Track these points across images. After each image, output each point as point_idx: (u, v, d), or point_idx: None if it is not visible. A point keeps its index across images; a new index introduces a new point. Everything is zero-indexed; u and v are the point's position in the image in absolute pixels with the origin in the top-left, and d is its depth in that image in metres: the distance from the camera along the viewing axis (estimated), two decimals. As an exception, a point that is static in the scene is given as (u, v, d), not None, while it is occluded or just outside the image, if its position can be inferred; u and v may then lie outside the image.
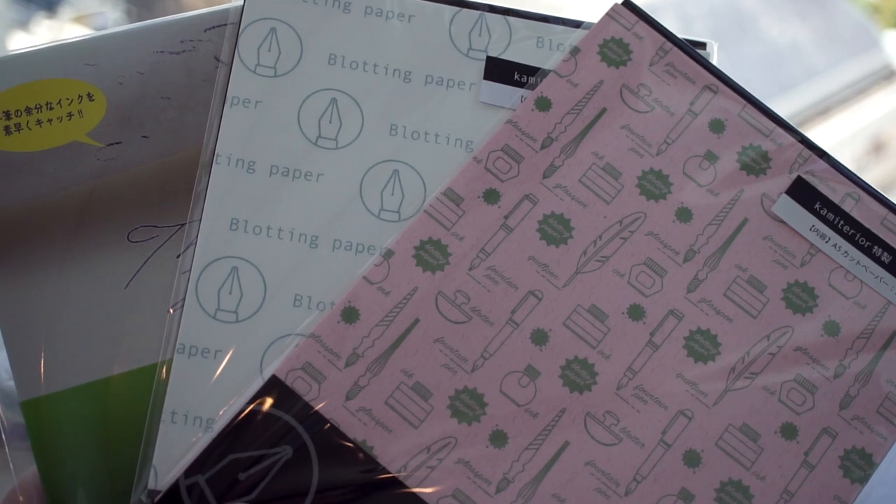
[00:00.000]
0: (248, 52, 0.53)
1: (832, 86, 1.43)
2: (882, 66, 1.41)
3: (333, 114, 0.53)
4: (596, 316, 0.51)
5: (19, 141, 0.50)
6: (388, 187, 0.52)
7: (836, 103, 1.40)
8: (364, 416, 0.49)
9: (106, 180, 0.51)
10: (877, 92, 1.39)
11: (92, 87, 0.51)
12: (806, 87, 1.38)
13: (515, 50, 0.55)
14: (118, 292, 0.50)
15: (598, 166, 0.53)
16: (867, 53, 1.42)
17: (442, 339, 0.50)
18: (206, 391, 0.49)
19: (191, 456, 0.48)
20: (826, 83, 1.40)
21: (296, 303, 0.50)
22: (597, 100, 0.54)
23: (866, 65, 1.41)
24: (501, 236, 0.51)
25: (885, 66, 1.40)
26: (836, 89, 1.42)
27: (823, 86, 1.40)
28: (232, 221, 0.51)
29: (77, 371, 0.49)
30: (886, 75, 1.39)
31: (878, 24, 1.50)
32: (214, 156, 0.51)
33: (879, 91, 1.39)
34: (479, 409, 0.49)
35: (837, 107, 1.40)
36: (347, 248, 0.51)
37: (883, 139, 1.38)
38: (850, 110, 1.37)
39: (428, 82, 0.54)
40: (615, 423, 0.50)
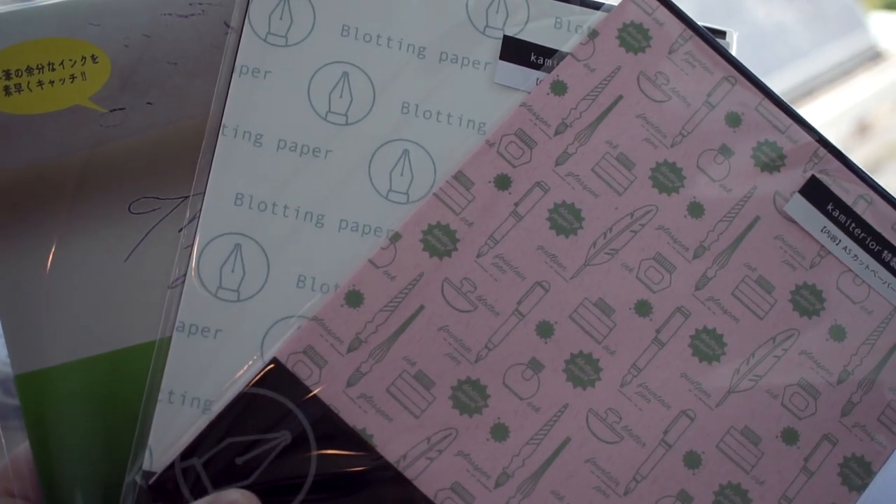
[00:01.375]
0: (259, 19, 0.49)
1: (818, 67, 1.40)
2: (867, 47, 1.38)
3: (344, 88, 0.49)
4: (602, 310, 0.48)
5: (19, 102, 0.47)
6: (397, 167, 0.49)
7: (821, 84, 1.38)
8: (365, 404, 0.46)
9: (108, 148, 0.47)
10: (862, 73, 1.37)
11: (96, 48, 0.48)
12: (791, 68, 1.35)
13: (533, 29, 0.51)
14: (118, 265, 0.47)
15: (612, 156, 0.50)
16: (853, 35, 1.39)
17: (446, 328, 0.47)
18: (204, 371, 0.46)
19: (187, 438, 0.45)
20: (812, 64, 1.38)
21: (299, 283, 0.47)
22: (613, 86, 0.51)
23: (852, 46, 1.38)
24: (511, 224, 0.49)
25: (871, 47, 1.37)
26: (821, 70, 1.39)
27: (809, 67, 1.37)
28: (237, 196, 0.47)
29: (73, 345, 0.46)
30: (872, 56, 1.36)
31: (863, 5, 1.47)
32: (221, 126, 0.48)
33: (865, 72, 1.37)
34: (481, 401, 0.47)
35: (823, 88, 1.37)
36: (354, 229, 0.48)
37: (868, 120, 1.35)
38: (835, 91, 1.35)
39: (442, 59, 0.50)
40: (617, 420, 0.47)
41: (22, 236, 0.46)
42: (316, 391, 0.46)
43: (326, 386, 0.46)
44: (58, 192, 0.47)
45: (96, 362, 0.46)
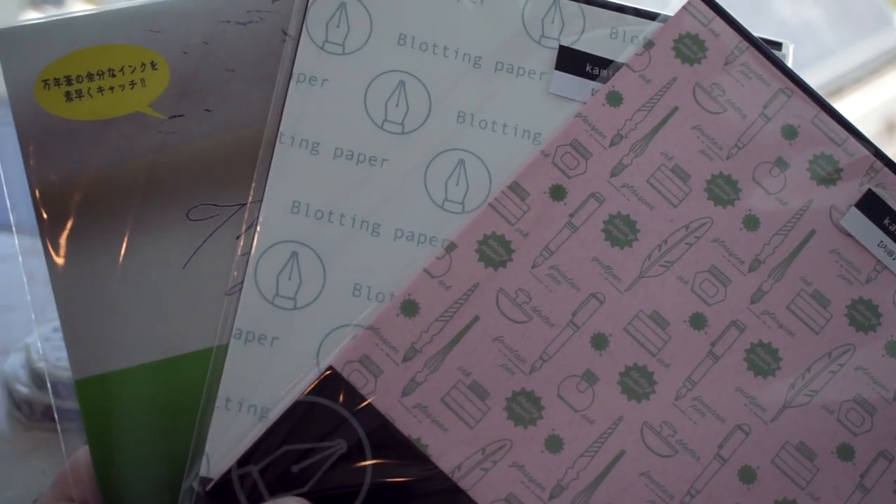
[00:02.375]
0: (317, 27, 0.48)
1: (845, 66, 1.38)
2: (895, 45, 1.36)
3: (401, 97, 0.48)
4: (657, 322, 0.47)
5: (80, 108, 0.46)
6: (452, 177, 0.48)
7: (849, 83, 1.36)
8: (420, 414, 0.45)
9: (167, 154, 0.46)
10: (890, 72, 1.34)
11: (156, 55, 0.47)
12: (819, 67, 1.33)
13: (588, 40, 0.50)
14: (176, 272, 0.46)
15: (667, 167, 0.49)
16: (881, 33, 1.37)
17: (501, 339, 0.46)
18: (261, 379, 0.45)
19: (244, 445, 0.44)
20: (839, 63, 1.35)
21: (355, 292, 0.46)
22: (669, 97, 0.49)
23: (880, 44, 1.36)
24: (566, 235, 0.48)
25: (899, 45, 1.35)
26: (849, 69, 1.37)
27: (836, 65, 1.35)
28: (294, 204, 0.47)
29: (132, 351, 0.45)
30: (900, 55, 1.34)
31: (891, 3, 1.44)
32: (278, 134, 0.47)
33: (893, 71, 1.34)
34: (535, 413, 0.46)
35: (850, 87, 1.35)
36: (409, 238, 0.47)
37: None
38: (863, 90, 1.33)
39: (498, 69, 0.49)
40: (672, 434, 0.46)
41: (84, 242, 0.45)
42: (371, 400, 0.45)
43: (382, 395, 0.45)
44: (118, 198, 0.46)
45: (155, 368, 0.45)
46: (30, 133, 0.46)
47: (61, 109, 0.46)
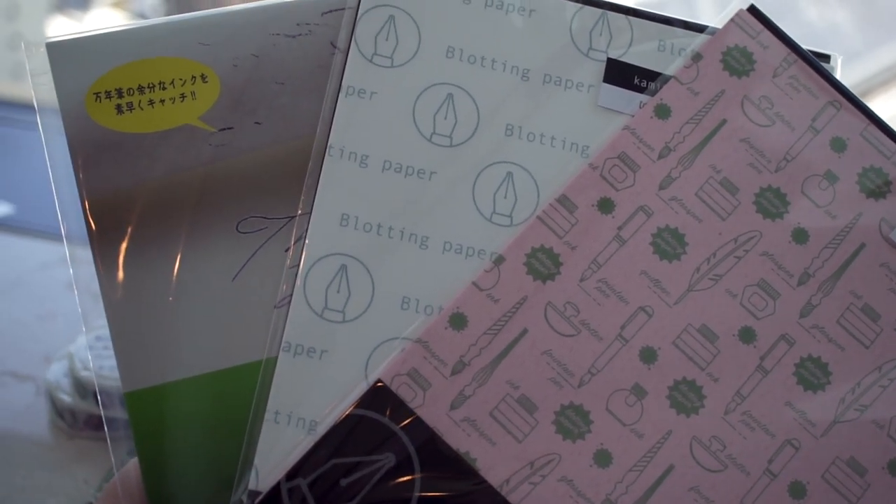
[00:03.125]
0: (365, 39, 0.48)
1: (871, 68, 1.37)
2: (922, 48, 1.34)
3: (449, 110, 0.48)
4: (706, 336, 0.47)
5: (130, 121, 0.46)
6: (500, 189, 0.47)
7: (875, 86, 1.34)
8: (468, 427, 0.45)
9: (217, 167, 0.46)
10: (917, 75, 1.33)
11: (206, 67, 0.46)
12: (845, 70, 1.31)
13: (636, 52, 0.50)
14: (226, 284, 0.45)
15: (716, 180, 0.48)
16: (907, 35, 1.35)
17: (549, 352, 0.46)
18: (309, 392, 0.45)
19: (293, 458, 0.44)
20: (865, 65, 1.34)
21: (403, 305, 0.46)
22: (717, 110, 0.49)
23: (906, 47, 1.34)
24: (614, 248, 0.47)
25: (926, 48, 1.33)
26: (875, 71, 1.35)
27: (862, 68, 1.34)
28: (342, 217, 0.46)
29: (182, 364, 0.45)
30: (927, 58, 1.32)
31: (919, 6, 1.43)
32: (327, 147, 0.47)
33: (920, 74, 1.33)
34: (584, 427, 0.45)
35: (877, 89, 1.33)
36: (458, 251, 0.47)
37: (924, 122, 1.31)
38: (889, 93, 1.31)
39: (546, 82, 0.49)
40: (721, 448, 0.45)
41: (134, 254, 0.45)
42: (420, 414, 0.45)
43: (430, 408, 0.45)
44: (169, 211, 0.46)
45: (204, 381, 0.45)
46: (81, 145, 0.46)
47: (112, 122, 0.46)
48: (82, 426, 0.65)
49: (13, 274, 0.85)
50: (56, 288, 0.83)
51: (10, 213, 0.97)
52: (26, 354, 0.74)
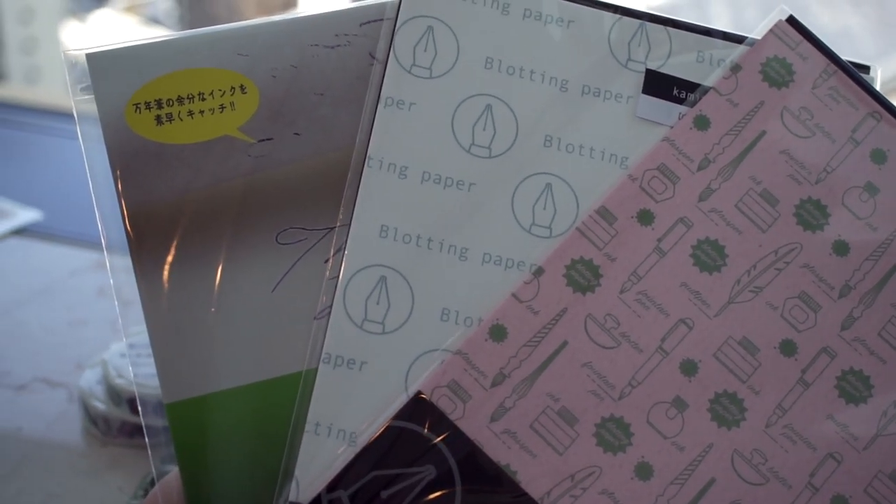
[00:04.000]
0: (404, 50, 0.47)
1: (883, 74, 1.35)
2: (933, 53, 1.33)
3: (488, 121, 0.47)
4: (747, 349, 0.46)
5: (170, 132, 0.45)
6: (539, 201, 0.47)
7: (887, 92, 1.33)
8: (508, 439, 0.44)
9: (256, 178, 0.46)
10: (927, 80, 1.32)
11: (245, 78, 0.46)
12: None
13: (675, 63, 0.49)
14: (266, 296, 0.45)
15: (756, 192, 0.47)
16: (918, 40, 1.34)
17: (590, 364, 0.45)
18: (350, 403, 0.44)
19: (334, 469, 0.44)
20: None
21: (443, 316, 0.45)
22: (757, 121, 0.48)
23: (918, 52, 1.33)
24: (654, 260, 0.46)
25: (936, 53, 1.32)
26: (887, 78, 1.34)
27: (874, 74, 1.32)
28: (382, 228, 0.46)
29: (223, 375, 0.45)
30: (937, 63, 1.31)
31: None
32: (366, 158, 0.46)
33: (930, 79, 1.32)
34: (625, 439, 0.45)
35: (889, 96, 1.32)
36: (497, 263, 0.46)
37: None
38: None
39: (584, 93, 0.48)
40: (763, 462, 0.45)
41: (174, 265, 0.45)
42: (460, 426, 0.44)
43: (470, 421, 0.44)
44: (209, 222, 0.45)
45: (245, 392, 0.45)
46: (120, 156, 0.45)
47: (152, 133, 0.45)
48: (116, 433, 0.65)
49: (43, 281, 0.85)
50: (86, 294, 0.83)
51: (39, 220, 0.96)
52: (58, 361, 0.74)
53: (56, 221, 0.96)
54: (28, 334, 0.77)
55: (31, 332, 0.78)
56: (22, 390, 0.71)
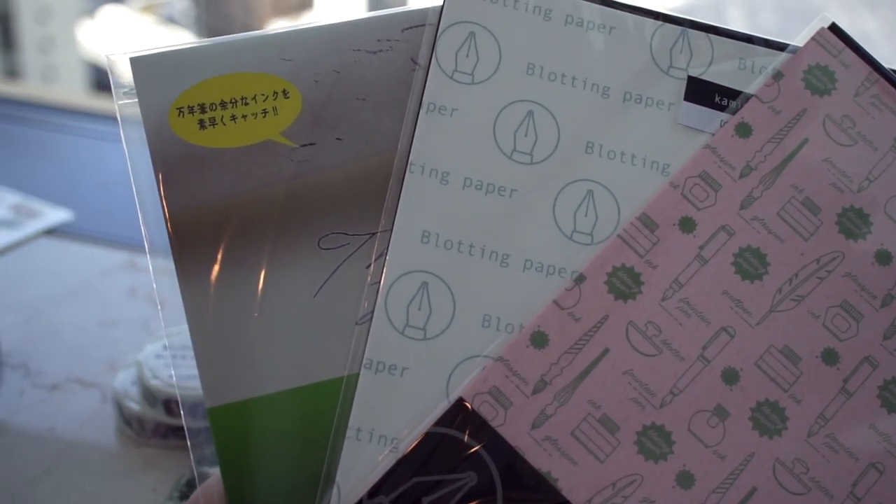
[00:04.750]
0: (446, 56, 0.47)
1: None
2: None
3: (529, 127, 0.47)
4: (789, 358, 0.45)
5: (213, 136, 0.45)
6: (581, 208, 0.46)
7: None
8: (550, 447, 0.44)
9: (298, 182, 0.45)
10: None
11: (288, 83, 0.46)
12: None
13: (716, 70, 0.48)
14: (307, 301, 0.45)
15: (797, 200, 0.47)
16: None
17: (631, 372, 0.45)
18: (391, 409, 0.44)
19: (375, 475, 0.43)
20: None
21: (484, 323, 0.45)
22: (799, 129, 0.48)
23: (936, 57, 1.32)
24: (696, 267, 0.46)
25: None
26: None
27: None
28: (423, 234, 0.45)
29: (265, 380, 0.44)
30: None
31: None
32: (408, 164, 0.46)
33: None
34: (666, 448, 0.44)
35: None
36: (538, 270, 0.45)
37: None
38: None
39: (626, 99, 0.47)
40: (804, 471, 0.44)
41: (213, 270, 0.44)
42: (501, 433, 0.44)
43: (512, 428, 0.44)
44: (251, 226, 0.45)
45: (287, 397, 0.44)
46: (163, 159, 0.45)
47: (195, 137, 0.45)
48: (150, 434, 0.64)
49: (74, 281, 0.85)
50: (117, 295, 0.83)
51: (69, 220, 0.96)
52: (91, 361, 0.74)
53: (85, 221, 0.96)
54: (60, 334, 0.77)
55: (63, 332, 0.77)
56: (55, 390, 0.71)
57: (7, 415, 0.68)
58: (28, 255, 0.89)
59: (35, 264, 0.88)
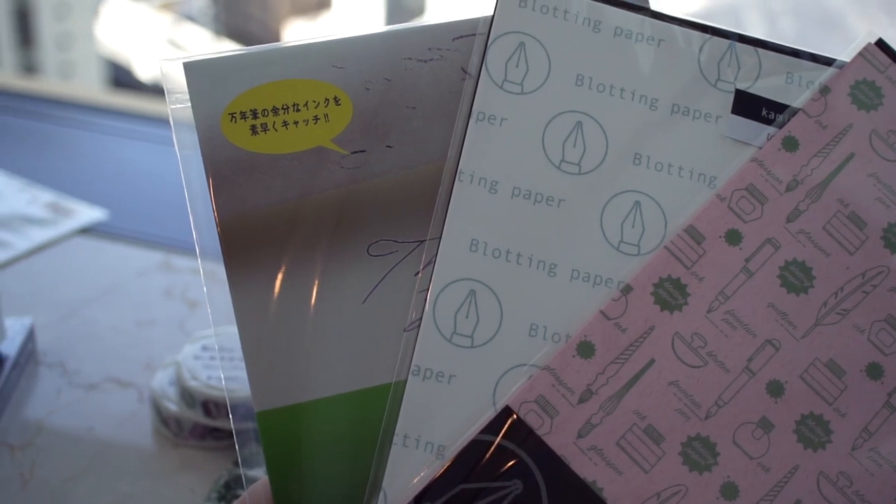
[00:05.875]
0: (496, 66, 0.47)
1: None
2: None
3: (578, 137, 0.47)
4: (833, 371, 0.45)
5: (264, 142, 0.45)
6: (628, 219, 0.46)
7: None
8: (595, 456, 0.43)
9: (348, 189, 0.45)
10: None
11: (339, 90, 0.46)
12: None
13: (764, 84, 0.48)
14: (356, 307, 0.45)
15: (843, 214, 0.47)
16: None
17: (676, 383, 0.44)
18: (438, 416, 0.44)
19: (421, 482, 0.43)
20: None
21: (531, 332, 0.45)
22: (845, 144, 0.47)
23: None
24: (742, 280, 0.46)
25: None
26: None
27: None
28: (472, 242, 0.45)
29: (313, 385, 0.44)
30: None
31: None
32: (457, 172, 0.46)
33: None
34: (710, 459, 0.44)
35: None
36: (585, 280, 0.45)
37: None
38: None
39: (674, 111, 0.47)
40: (848, 485, 0.44)
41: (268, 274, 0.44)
42: (547, 441, 0.44)
43: (558, 436, 0.44)
44: (301, 232, 0.45)
45: (335, 402, 0.44)
46: (215, 164, 0.45)
47: (246, 142, 0.45)
48: (187, 435, 0.65)
49: (110, 280, 0.85)
50: (153, 295, 0.83)
51: (104, 220, 0.97)
52: (127, 361, 0.74)
53: (119, 221, 0.96)
54: (96, 334, 0.77)
55: (99, 331, 0.78)
56: (92, 389, 0.71)
57: (44, 414, 0.68)
58: (63, 254, 0.89)
59: (70, 263, 0.88)
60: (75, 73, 6.32)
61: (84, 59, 6.35)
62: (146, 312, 0.80)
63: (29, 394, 0.70)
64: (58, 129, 1.14)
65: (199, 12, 7.03)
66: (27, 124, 1.14)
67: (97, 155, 1.12)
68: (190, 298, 0.80)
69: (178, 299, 0.81)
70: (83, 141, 1.13)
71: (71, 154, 1.10)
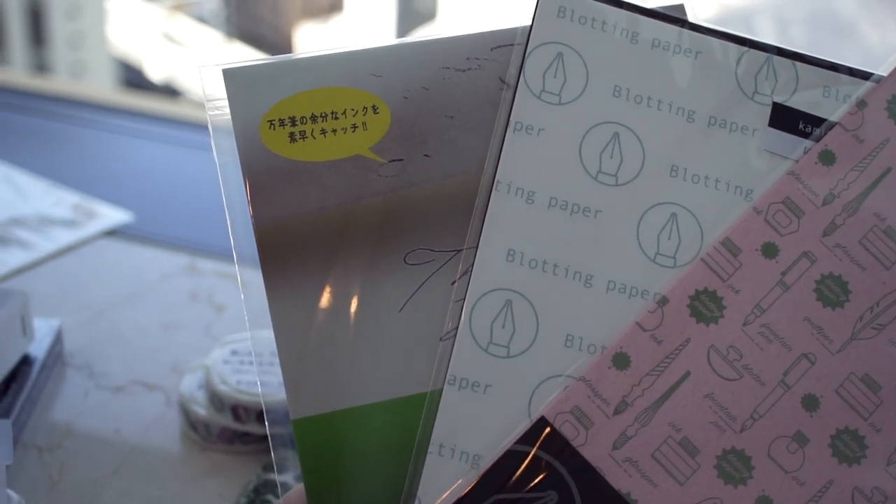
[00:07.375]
0: (534, 76, 0.47)
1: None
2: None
3: (615, 149, 0.46)
4: (869, 386, 0.45)
5: (303, 150, 0.45)
6: (665, 230, 0.46)
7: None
8: (630, 468, 0.43)
9: (386, 198, 0.45)
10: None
11: (377, 99, 0.46)
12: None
13: (801, 97, 0.48)
14: (392, 315, 0.44)
15: (880, 229, 0.46)
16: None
17: (712, 395, 0.44)
18: (473, 426, 0.44)
19: (455, 492, 0.43)
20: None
21: (567, 343, 0.45)
22: (882, 158, 0.47)
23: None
24: (778, 293, 0.45)
25: None
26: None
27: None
28: (509, 252, 0.45)
29: (350, 393, 0.44)
30: None
31: None
32: (494, 182, 0.45)
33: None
34: (745, 472, 0.44)
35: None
36: (621, 291, 0.45)
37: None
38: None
39: (711, 124, 0.47)
40: (883, 500, 0.44)
41: (306, 281, 0.44)
42: (583, 452, 0.44)
43: (593, 447, 0.44)
44: (338, 240, 0.45)
45: (371, 410, 0.44)
46: (253, 171, 0.45)
47: (285, 150, 0.45)
48: (215, 439, 0.64)
49: (135, 283, 0.85)
50: (179, 298, 0.83)
51: (129, 222, 0.97)
52: (154, 364, 0.74)
53: (144, 224, 0.96)
54: (122, 336, 0.77)
55: (125, 334, 0.78)
56: (119, 392, 0.71)
57: (71, 416, 0.68)
58: (90, 256, 0.89)
59: (96, 265, 0.88)
60: (86, 73, 6.35)
61: (95, 59, 6.37)
62: (172, 315, 0.80)
63: (56, 395, 0.70)
64: (68, 128, 1.14)
65: (211, 14, 7.05)
66: (38, 122, 1.14)
67: (115, 156, 1.12)
68: (216, 302, 0.80)
69: (204, 302, 0.81)
70: (95, 140, 1.13)
71: (90, 155, 1.10)
